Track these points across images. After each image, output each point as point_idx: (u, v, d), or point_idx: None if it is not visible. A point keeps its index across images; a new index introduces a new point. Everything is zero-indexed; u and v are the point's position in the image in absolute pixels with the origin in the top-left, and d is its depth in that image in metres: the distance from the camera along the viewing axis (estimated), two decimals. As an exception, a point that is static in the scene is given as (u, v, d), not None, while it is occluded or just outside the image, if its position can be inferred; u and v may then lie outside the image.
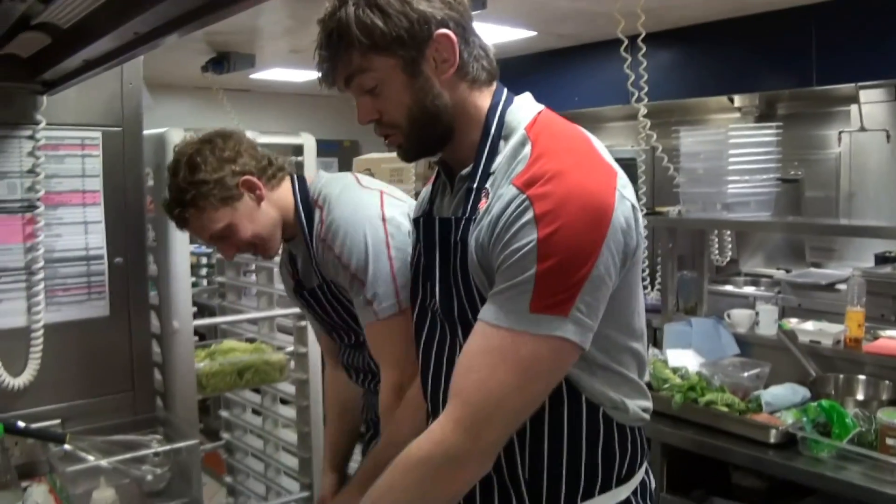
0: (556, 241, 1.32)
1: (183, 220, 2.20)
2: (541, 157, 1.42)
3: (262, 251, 2.28)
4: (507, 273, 1.37)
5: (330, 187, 2.22)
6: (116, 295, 2.77)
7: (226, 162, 2.19)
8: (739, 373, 3.27)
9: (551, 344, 1.35)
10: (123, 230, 2.78)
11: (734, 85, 6.03)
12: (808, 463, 2.74)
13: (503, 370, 1.37)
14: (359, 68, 1.49)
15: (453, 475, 1.43)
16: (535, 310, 1.34)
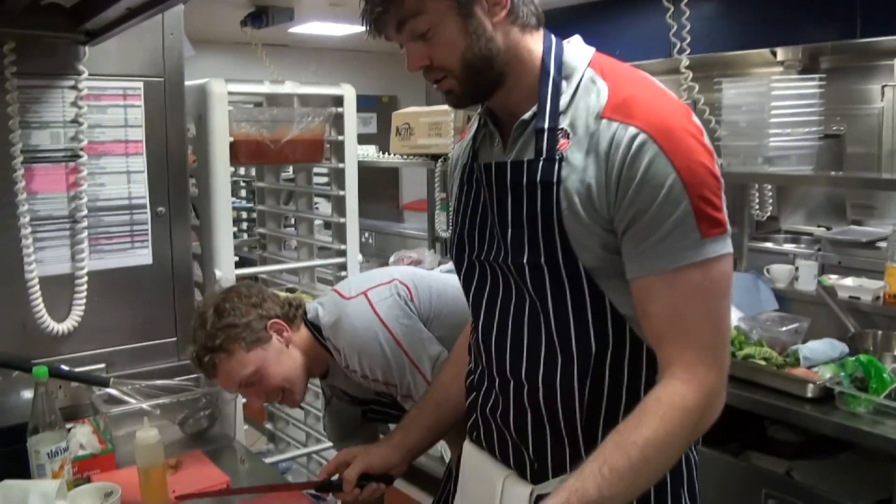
0: (692, 167, 1.35)
1: (212, 366, 2.18)
2: (619, 89, 1.42)
3: (289, 397, 2.28)
4: (657, 215, 1.36)
5: (325, 318, 2.26)
6: (159, 244, 2.81)
7: (253, 307, 2.22)
8: (778, 327, 3.26)
9: (727, 260, 1.39)
10: (165, 180, 2.81)
11: (777, 37, 5.93)
12: (845, 417, 2.73)
13: (710, 301, 1.40)
14: (412, 11, 1.44)
15: (716, 409, 1.43)
16: (706, 234, 1.36)
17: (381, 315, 2.16)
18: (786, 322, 3.31)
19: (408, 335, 2.16)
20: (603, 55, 1.54)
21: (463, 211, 1.70)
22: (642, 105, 1.38)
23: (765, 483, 2.88)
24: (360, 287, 2.25)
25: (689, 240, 1.35)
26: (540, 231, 1.47)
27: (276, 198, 3.95)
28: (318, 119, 3.26)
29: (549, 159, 1.45)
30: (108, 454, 2.30)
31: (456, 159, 1.82)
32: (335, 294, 2.29)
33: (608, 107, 1.40)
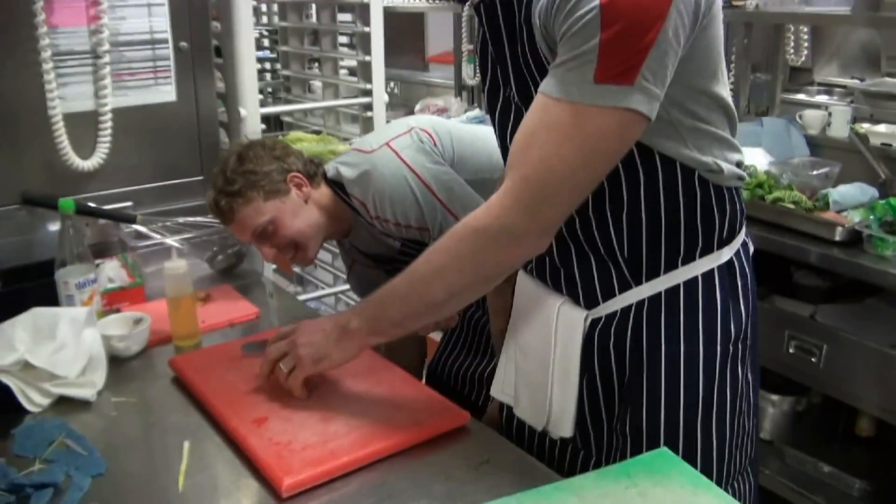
0: (620, 5, 1.21)
1: (229, 211, 2.18)
2: None
3: (303, 253, 2.28)
4: (569, 43, 1.27)
5: (348, 173, 2.23)
6: (182, 80, 2.78)
7: (275, 159, 2.21)
8: (808, 171, 3.22)
9: (617, 116, 1.27)
10: (187, 13, 2.76)
11: None
12: (872, 261, 2.70)
13: (567, 147, 1.31)
14: None
15: (508, 249, 1.42)
16: (599, 80, 1.25)
17: (407, 161, 2.17)
18: (816, 166, 3.27)
19: (436, 178, 2.17)
20: None
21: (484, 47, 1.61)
22: None
23: (788, 325, 2.88)
24: (380, 140, 2.24)
25: (580, 77, 1.26)
26: (535, 71, 1.44)
27: (299, 38, 3.88)
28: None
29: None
30: (138, 287, 2.33)
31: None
32: (356, 151, 2.28)
33: None
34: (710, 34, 1.36)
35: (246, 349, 1.92)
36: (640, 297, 1.51)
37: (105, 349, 1.90)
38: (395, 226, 2.19)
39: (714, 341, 1.52)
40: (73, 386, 1.78)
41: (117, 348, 1.97)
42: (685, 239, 1.49)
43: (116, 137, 2.64)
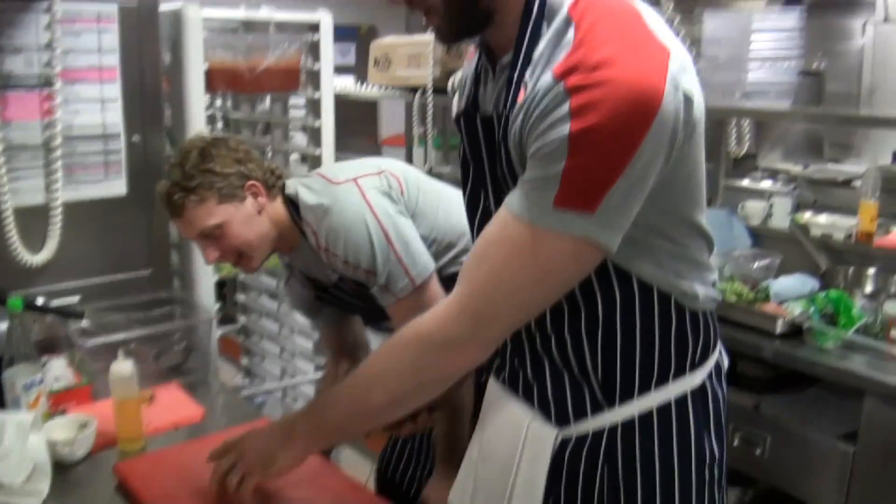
0: (589, 137, 1.21)
1: (180, 206, 2.13)
2: (584, 43, 1.26)
3: (246, 262, 2.24)
4: (537, 163, 1.27)
5: (307, 198, 2.20)
6: (134, 173, 2.79)
7: (237, 162, 2.17)
8: (750, 263, 3.28)
9: (574, 243, 1.27)
10: (140, 108, 2.79)
11: (760, -29, 5.90)
12: (814, 353, 2.76)
13: (518, 265, 1.30)
14: None
15: (451, 359, 1.42)
16: (559, 205, 1.24)
17: (371, 203, 2.12)
18: (758, 258, 3.34)
19: (396, 227, 2.12)
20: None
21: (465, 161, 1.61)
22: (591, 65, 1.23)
23: (732, 416, 2.89)
24: (348, 174, 2.21)
25: (541, 199, 1.26)
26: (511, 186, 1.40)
27: (251, 129, 3.92)
28: (294, 46, 3.23)
29: (508, 115, 1.37)
30: (84, 387, 2.31)
31: (463, 81, 1.69)
32: (322, 178, 2.24)
33: (562, 61, 1.27)
34: (690, 162, 1.36)
35: None
36: (614, 422, 1.48)
37: (50, 455, 1.88)
38: (343, 263, 2.14)
39: (689, 468, 1.50)
40: (17, 495, 1.75)
41: (62, 454, 1.95)
42: (659, 363, 1.47)
43: (66, 231, 2.65)
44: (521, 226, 1.29)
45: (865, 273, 3.23)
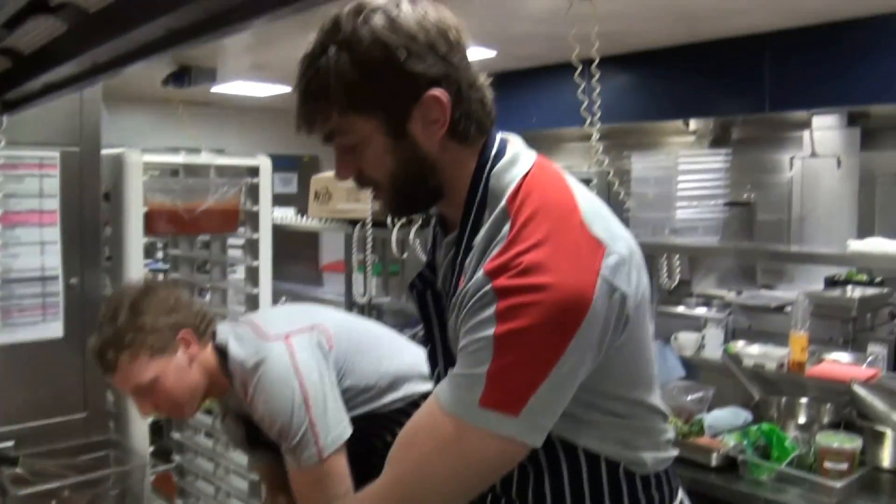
0: (513, 341, 1.25)
1: (112, 364, 2.12)
2: (516, 242, 1.30)
3: (179, 412, 2.24)
4: (465, 359, 1.30)
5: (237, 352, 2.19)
6: (71, 316, 2.79)
7: (168, 312, 2.17)
8: (684, 396, 3.34)
9: (498, 442, 1.28)
10: (79, 250, 2.80)
11: (688, 109, 6.11)
12: (749, 486, 2.79)
13: (443, 457, 1.32)
14: (337, 128, 1.38)
15: None
16: (484, 404, 1.26)
17: (299, 366, 2.10)
18: (691, 391, 3.39)
19: (317, 394, 2.10)
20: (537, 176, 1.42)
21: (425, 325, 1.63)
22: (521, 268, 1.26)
23: (672, 551, 2.92)
24: (280, 328, 2.19)
25: (468, 396, 1.28)
26: None
27: (190, 265, 3.94)
28: (233, 189, 3.29)
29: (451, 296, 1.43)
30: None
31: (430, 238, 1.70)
32: (252, 331, 2.22)
33: (495, 257, 1.31)
34: (628, 350, 1.38)
35: None
36: None
37: None
38: (259, 419, 2.12)
39: None
40: None
41: None
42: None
43: (1, 375, 2.62)
44: (448, 419, 1.31)
45: (798, 403, 3.28)
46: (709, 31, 5.30)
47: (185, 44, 1.23)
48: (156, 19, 1.12)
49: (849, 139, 5.93)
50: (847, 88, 4.99)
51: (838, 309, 4.95)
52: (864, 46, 4.83)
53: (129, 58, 1.48)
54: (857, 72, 4.87)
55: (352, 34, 1.32)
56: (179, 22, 1.13)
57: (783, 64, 5.23)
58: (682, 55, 5.73)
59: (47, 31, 1.45)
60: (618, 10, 3.87)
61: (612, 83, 5.03)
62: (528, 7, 4.50)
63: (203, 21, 1.11)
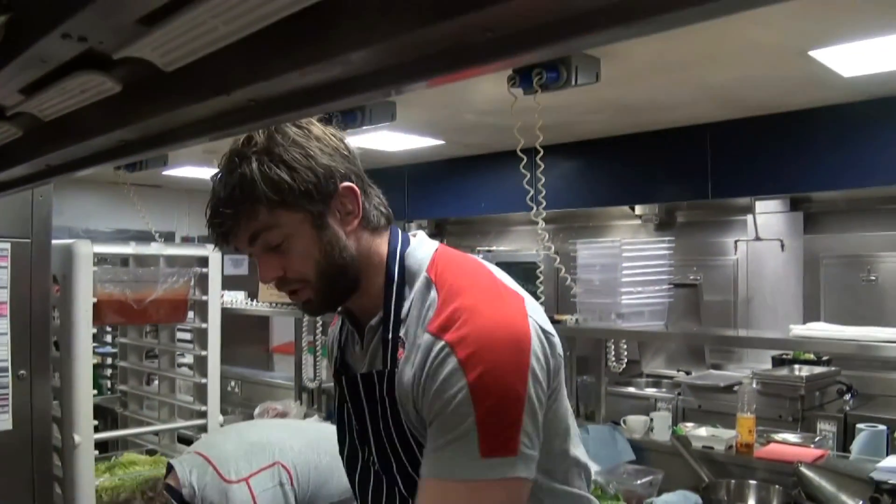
0: (486, 383, 1.31)
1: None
2: (449, 299, 1.41)
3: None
4: (444, 425, 1.34)
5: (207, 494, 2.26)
6: (19, 408, 2.76)
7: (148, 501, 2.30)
8: (633, 480, 3.37)
9: (508, 485, 1.33)
10: (28, 342, 2.78)
11: (633, 196, 6.24)
12: (698, 570, 2.83)
13: None
14: (265, 225, 1.44)
15: None
16: (485, 455, 1.31)
17: None
18: (641, 475, 3.42)
19: None
20: (445, 251, 1.56)
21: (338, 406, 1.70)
22: (462, 318, 1.37)
23: None
24: (240, 470, 2.24)
25: (466, 456, 1.32)
26: (397, 442, 1.49)
27: (138, 353, 3.93)
28: (182, 279, 3.31)
29: (392, 371, 1.47)
30: None
31: (332, 343, 1.79)
32: (215, 472, 2.25)
33: (432, 320, 1.41)
34: (558, 396, 1.48)
35: None
36: None
37: None
38: None
39: None
40: None
41: None
42: None
43: (-53, 467, 2.59)
44: (456, 486, 1.34)
45: (747, 485, 3.32)
46: (650, 121, 5.45)
47: (138, 154, 1.27)
48: (110, 132, 1.16)
49: (792, 223, 6.09)
50: (787, 176, 5.15)
51: (786, 388, 5.03)
52: (803, 136, 5.00)
53: (83, 163, 1.50)
54: (797, 160, 5.03)
55: (268, 141, 1.44)
56: (132, 135, 1.17)
57: (725, 152, 5.38)
58: (626, 144, 5.87)
59: (2, 135, 1.48)
60: (561, 103, 3.97)
61: (558, 170, 5.16)
62: (474, 100, 4.61)
63: (155, 135, 1.15)
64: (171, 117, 1.04)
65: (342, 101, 0.86)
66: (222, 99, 0.93)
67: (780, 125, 5.08)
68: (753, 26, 3.26)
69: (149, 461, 3.45)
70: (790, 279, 6.13)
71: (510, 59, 0.74)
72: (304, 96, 0.87)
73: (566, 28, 0.65)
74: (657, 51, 3.66)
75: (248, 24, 0.80)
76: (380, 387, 1.50)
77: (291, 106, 0.90)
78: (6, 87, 1.10)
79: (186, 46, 0.86)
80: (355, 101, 0.83)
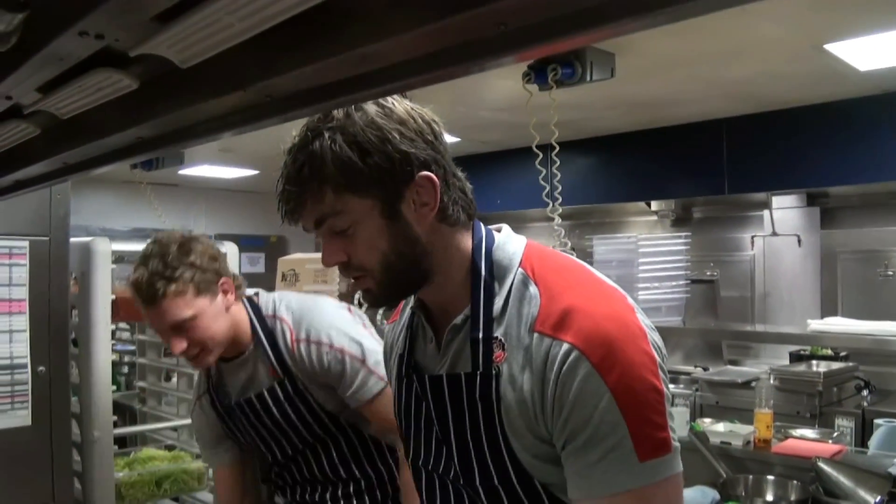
0: (627, 384, 1.24)
1: (159, 295, 2.13)
2: (554, 297, 1.33)
3: (204, 356, 2.25)
4: (593, 438, 1.26)
5: (287, 301, 2.34)
6: (39, 404, 2.78)
7: (213, 259, 2.24)
8: (651, 476, 3.35)
9: (669, 483, 1.27)
10: (47, 338, 2.81)
11: (649, 191, 6.23)
12: (717, 566, 2.82)
13: None
14: (332, 209, 1.35)
15: None
16: (644, 458, 1.24)
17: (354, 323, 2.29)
18: (658, 472, 3.41)
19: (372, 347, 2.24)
20: (536, 246, 1.46)
21: (405, 408, 1.58)
22: (576, 315, 1.29)
23: None
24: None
25: (625, 465, 1.24)
26: (487, 451, 1.39)
27: (157, 350, 3.94)
28: (200, 275, 3.31)
29: (486, 374, 1.37)
30: None
31: (391, 345, 1.70)
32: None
33: (540, 319, 1.32)
34: None
35: None
36: None
37: None
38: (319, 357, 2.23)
39: None
40: None
41: None
42: None
43: (-32, 464, 2.61)
44: (622, 499, 1.26)
45: (765, 481, 3.31)
46: (666, 117, 5.44)
47: (154, 151, 1.27)
48: (126, 129, 1.17)
49: (809, 218, 6.06)
50: (804, 171, 5.13)
51: (804, 384, 5.00)
52: (818, 131, 4.99)
53: (100, 161, 1.51)
54: (813, 155, 5.02)
55: (345, 119, 1.34)
56: (149, 132, 1.18)
57: (741, 148, 5.37)
58: (642, 140, 5.86)
59: (20, 133, 1.49)
60: (577, 100, 3.98)
61: (573, 167, 5.16)
62: (489, 97, 4.61)
63: (171, 132, 1.16)
64: (188, 114, 1.05)
65: (358, 95, 0.86)
66: (238, 95, 0.94)
67: (795, 120, 5.07)
68: (768, 20, 3.25)
69: (168, 456, 3.47)
70: (807, 275, 6.11)
71: (523, 52, 0.74)
72: (319, 92, 0.88)
73: (578, 20, 0.65)
74: (672, 46, 3.65)
75: (262, 20, 0.80)
76: (468, 390, 1.40)
77: (307, 101, 0.91)
78: (23, 85, 1.11)
79: (202, 43, 0.87)
80: (371, 95, 0.84)
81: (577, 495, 1.31)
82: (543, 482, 1.36)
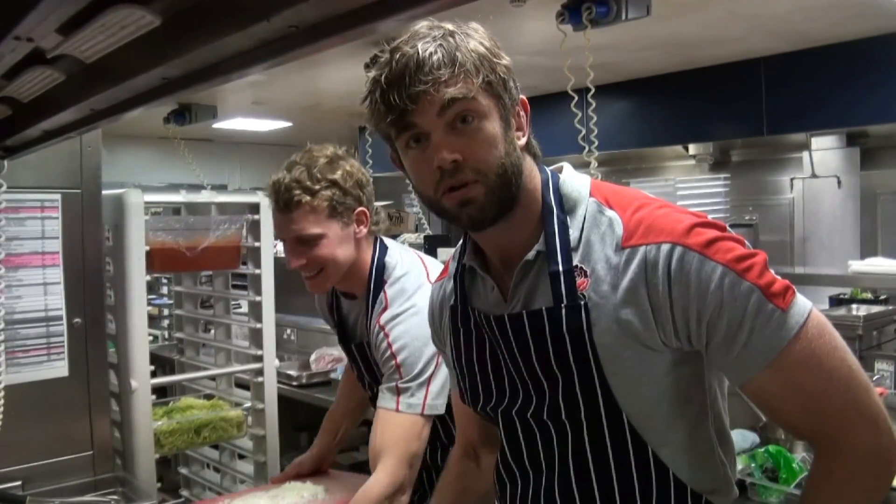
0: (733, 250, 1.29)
1: (293, 203, 2.10)
2: (634, 214, 1.36)
3: (322, 280, 2.21)
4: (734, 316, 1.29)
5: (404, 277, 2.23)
6: (75, 355, 2.79)
7: (358, 185, 2.19)
8: (691, 421, 3.33)
9: (813, 315, 1.31)
10: (82, 290, 2.81)
11: (686, 134, 6.14)
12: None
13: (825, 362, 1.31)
14: (463, 93, 1.32)
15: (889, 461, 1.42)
16: (784, 306, 1.28)
17: None
18: (698, 415, 3.38)
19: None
20: (599, 181, 1.50)
21: (467, 358, 1.59)
22: (661, 220, 1.33)
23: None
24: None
25: (773, 321, 1.28)
26: (577, 383, 1.39)
27: (193, 301, 3.95)
28: (234, 226, 3.30)
29: (573, 305, 1.37)
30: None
31: (439, 302, 1.71)
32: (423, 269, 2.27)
33: (626, 235, 1.35)
34: None
35: None
36: None
37: None
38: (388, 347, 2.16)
39: None
40: None
41: None
42: None
43: (8, 415, 2.62)
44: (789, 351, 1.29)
45: (804, 424, 3.26)
46: (703, 57, 5.34)
47: (181, 91, 1.25)
48: (152, 69, 1.14)
49: (848, 159, 5.96)
50: (844, 110, 5.02)
51: (844, 328, 4.91)
52: (859, 68, 4.87)
53: (128, 105, 1.50)
54: (853, 93, 4.90)
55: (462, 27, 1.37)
56: (175, 71, 1.15)
57: (780, 87, 5.26)
58: (679, 81, 5.76)
59: (46, 80, 1.47)
60: (612, 41, 3.90)
61: (609, 111, 5.08)
62: (523, 40, 4.54)
63: (198, 70, 1.13)
64: (213, 49, 1.02)
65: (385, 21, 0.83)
66: (263, 26, 0.90)
67: (835, 57, 4.95)
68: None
69: (206, 405, 3.49)
70: (847, 217, 6.02)
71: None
72: (347, 18, 0.84)
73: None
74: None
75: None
76: (552, 325, 1.39)
77: (333, 30, 0.88)
78: (43, 25, 1.09)
79: (224, -29, 0.84)
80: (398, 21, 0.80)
81: (745, 376, 1.33)
82: (631, 413, 1.39)
